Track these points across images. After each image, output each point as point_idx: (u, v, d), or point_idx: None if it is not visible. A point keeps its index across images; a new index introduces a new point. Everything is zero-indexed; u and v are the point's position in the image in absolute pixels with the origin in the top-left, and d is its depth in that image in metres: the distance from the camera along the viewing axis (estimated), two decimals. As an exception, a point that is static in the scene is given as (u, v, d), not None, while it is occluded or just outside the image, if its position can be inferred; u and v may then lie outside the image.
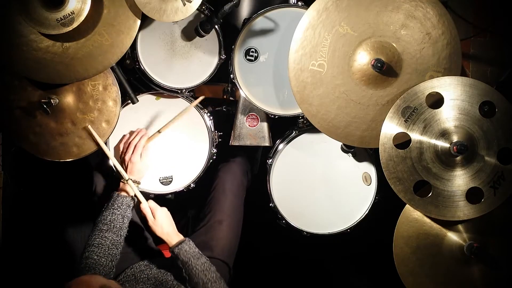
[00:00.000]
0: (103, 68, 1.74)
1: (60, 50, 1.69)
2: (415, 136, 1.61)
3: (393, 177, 1.62)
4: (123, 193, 1.83)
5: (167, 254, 2.06)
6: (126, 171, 1.88)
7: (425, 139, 1.61)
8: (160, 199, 2.07)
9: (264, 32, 1.91)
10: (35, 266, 2.47)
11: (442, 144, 1.60)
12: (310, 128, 2.00)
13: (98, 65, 1.71)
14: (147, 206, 1.80)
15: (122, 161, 1.91)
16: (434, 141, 1.61)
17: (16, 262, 2.42)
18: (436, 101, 1.62)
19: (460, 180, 1.61)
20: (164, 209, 1.82)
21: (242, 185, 2.16)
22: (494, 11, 2.13)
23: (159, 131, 1.97)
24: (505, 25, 2.13)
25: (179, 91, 1.97)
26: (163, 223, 1.78)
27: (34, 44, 1.67)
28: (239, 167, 2.19)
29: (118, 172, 1.87)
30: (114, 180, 2.06)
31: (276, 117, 2.01)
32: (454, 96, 1.60)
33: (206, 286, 1.67)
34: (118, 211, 1.77)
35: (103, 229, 1.73)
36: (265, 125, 2.11)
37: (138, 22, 1.70)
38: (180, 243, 1.74)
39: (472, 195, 1.61)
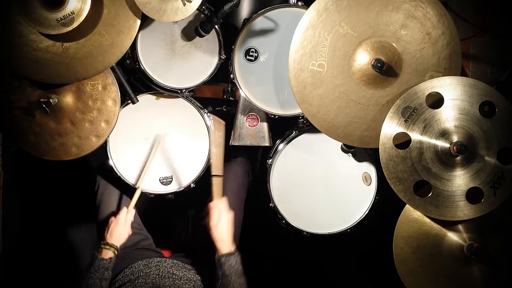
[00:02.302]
0: (103, 68, 1.74)
1: (60, 50, 1.69)
2: (415, 136, 1.61)
3: (393, 177, 1.62)
4: (101, 256, 1.77)
5: (166, 254, 2.06)
6: (107, 233, 1.83)
7: (425, 139, 1.61)
8: (160, 199, 2.07)
9: (264, 32, 1.91)
10: (35, 266, 2.47)
11: (442, 144, 1.60)
12: (310, 128, 2.00)
13: (98, 65, 1.71)
14: (218, 207, 1.74)
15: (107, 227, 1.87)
16: (434, 141, 1.60)
17: (16, 262, 2.42)
18: (436, 101, 1.62)
19: (460, 180, 1.61)
20: (231, 214, 1.77)
21: (242, 185, 2.16)
22: (494, 11, 2.13)
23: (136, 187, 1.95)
24: (505, 25, 2.12)
25: (179, 91, 1.97)
26: (223, 229, 1.73)
27: (34, 44, 1.67)
28: (240, 167, 2.19)
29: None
30: (115, 180, 2.06)
31: (276, 117, 2.01)
32: (454, 96, 1.60)
33: None
34: (95, 274, 1.73)
35: None
36: (265, 125, 2.11)
37: (138, 22, 1.70)
38: (230, 255, 1.70)
39: (472, 195, 1.61)
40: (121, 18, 1.68)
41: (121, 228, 1.84)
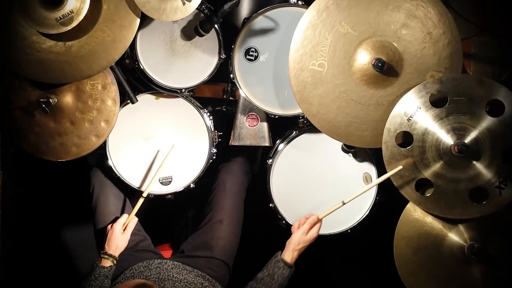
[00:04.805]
0: (108, 64, 1.73)
1: (63, 49, 1.68)
2: (418, 135, 1.60)
3: (395, 175, 1.62)
4: (101, 264, 1.78)
5: (166, 254, 2.05)
6: (105, 243, 1.84)
7: (427, 138, 1.60)
8: (160, 199, 2.07)
9: (264, 31, 1.91)
10: (34, 266, 2.47)
11: (444, 143, 1.59)
12: (310, 128, 2.00)
13: (102, 61, 1.71)
14: (318, 225, 1.81)
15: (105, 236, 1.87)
16: (436, 140, 1.60)
17: (15, 262, 2.41)
18: (440, 99, 1.61)
19: (463, 179, 1.60)
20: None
21: (242, 185, 2.16)
22: (495, 10, 2.13)
23: (143, 196, 1.91)
24: (506, 24, 2.12)
25: (178, 91, 1.97)
26: (305, 242, 1.80)
27: (37, 45, 1.66)
28: (240, 167, 2.19)
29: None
30: (112, 180, 2.05)
31: (276, 117, 2.00)
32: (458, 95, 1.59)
33: None
34: (95, 282, 1.74)
35: None
36: (265, 125, 2.10)
37: (138, 18, 1.69)
38: (290, 267, 1.78)
39: (475, 195, 1.60)
40: (122, 13, 1.67)
41: (118, 237, 1.83)
